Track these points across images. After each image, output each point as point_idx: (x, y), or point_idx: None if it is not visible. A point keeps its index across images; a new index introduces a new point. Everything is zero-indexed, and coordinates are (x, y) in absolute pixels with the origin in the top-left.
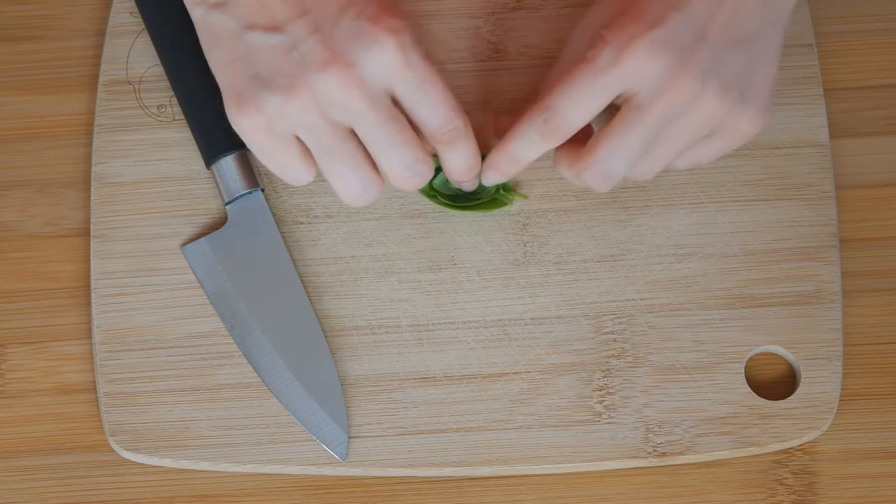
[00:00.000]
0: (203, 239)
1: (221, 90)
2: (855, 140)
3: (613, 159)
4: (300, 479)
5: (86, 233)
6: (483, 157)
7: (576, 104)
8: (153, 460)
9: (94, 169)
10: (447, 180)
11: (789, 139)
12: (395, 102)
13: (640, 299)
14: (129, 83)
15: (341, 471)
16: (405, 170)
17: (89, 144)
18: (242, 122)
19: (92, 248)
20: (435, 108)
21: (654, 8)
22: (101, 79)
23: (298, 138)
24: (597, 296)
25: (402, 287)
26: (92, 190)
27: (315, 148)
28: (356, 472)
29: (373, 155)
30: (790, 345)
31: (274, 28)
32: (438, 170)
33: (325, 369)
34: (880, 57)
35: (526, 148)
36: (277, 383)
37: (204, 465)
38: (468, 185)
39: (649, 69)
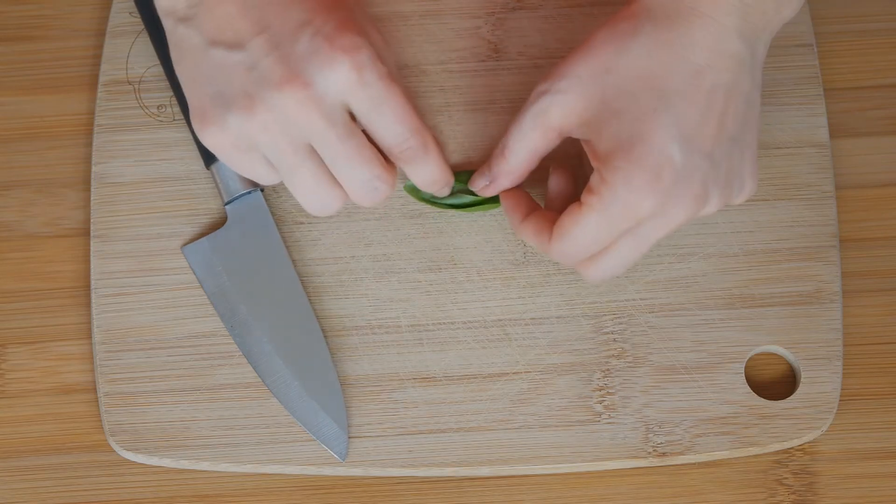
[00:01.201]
0: (203, 239)
1: (189, 105)
2: (855, 140)
3: (614, 270)
4: (300, 479)
5: (86, 233)
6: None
7: (587, 250)
8: (153, 460)
9: (94, 169)
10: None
11: (789, 139)
12: (354, 118)
13: (640, 299)
14: (129, 83)
15: (341, 471)
16: (362, 187)
17: (89, 144)
18: (208, 140)
19: (92, 248)
20: (390, 127)
21: (656, 147)
22: (101, 79)
23: None
24: (597, 296)
25: (402, 287)
26: (92, 190)
27: (277, 165)
28: (356, 472)
29: (332, 171)
30: (790, 345)
31: (235, 45)
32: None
33: (324, 370)
34: (880, 57)
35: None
36: (277, 383)
37: (204, 465)
38: (440, 193)
39: (659, 210)
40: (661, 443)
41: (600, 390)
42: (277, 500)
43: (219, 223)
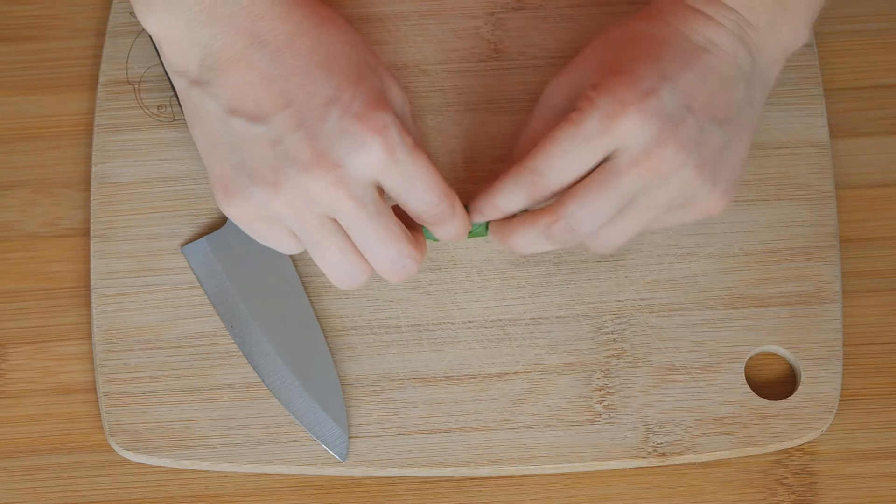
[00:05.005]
0: (203, 239)
1: (207, 173)
2: (855, 140)
3: (584, 217)
4: (300, 479)
5: (86, 233)
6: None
7: (562, 169)
8: (153, 460)
9: (94, 169)
10: None
11: (789, 139)
12: (381, 189)
13: (640, 299)
14: (129, 83)
15: (341, 471)
16: (391, 264)
17: (89, 144)
18: (231, 212)
19: (92, 248)
20: (420, 196)
21: (646, 76)
22: (101, 79)
23: None
24: (597, 296)
25: (402, 287)
26: (92, 190)
27: (302, 238)
28: (356, 472)
29: (359, 247)
30: (790, 345)
31: (257, 117)
32: None
33: (325, 369)
34: (880, 57)
35: (511, 203)
36: (277, 383)
37: (204, 466)
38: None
39: (637, 137)
40: (661, 443)
41: (600, 390)
42: (277, 500)
43: (219, 223)
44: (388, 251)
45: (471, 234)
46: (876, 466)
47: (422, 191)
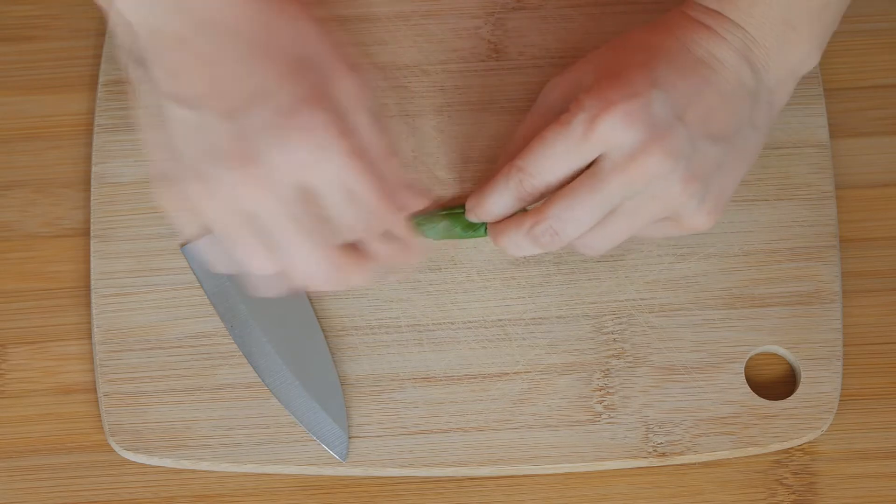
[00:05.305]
0: (203, 239)
1: (148, 154)
2: (855, 140)
3: (567, 220)
4: (300, 479)
5: (86, 233)
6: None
7: (548, 169)
8: (154, 460)
9: (94, 169)
10: (439, 232)
11: (789, 139)
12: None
13: (640, 299)
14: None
15: (341, 471)
16: (316, 270)
17: (89, 144)
18: (161, 199)
19: (92, 248)
20: (348, 209)
21: (636, 81)
22: (101, 79)
23: None
24: (597, 296)
25: (402, 287)
26: (92, 190)
27: (224, 237)
28: (356, 472)
29: (281, 252)
30: (790, 345)
31: (189, 102)
32: (428, 220)
33: (325, 369)
34: (880, 57)
35: (500, 201)
36: (277, 383)
37: (204, 466)
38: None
39: (620, 139)
40: (661, 443)
41: (600, 390)
42: (277, 500)
43: None
44: (309, 257)
45: (470, 235)
46: (876, 466)
47: (353, 201)
